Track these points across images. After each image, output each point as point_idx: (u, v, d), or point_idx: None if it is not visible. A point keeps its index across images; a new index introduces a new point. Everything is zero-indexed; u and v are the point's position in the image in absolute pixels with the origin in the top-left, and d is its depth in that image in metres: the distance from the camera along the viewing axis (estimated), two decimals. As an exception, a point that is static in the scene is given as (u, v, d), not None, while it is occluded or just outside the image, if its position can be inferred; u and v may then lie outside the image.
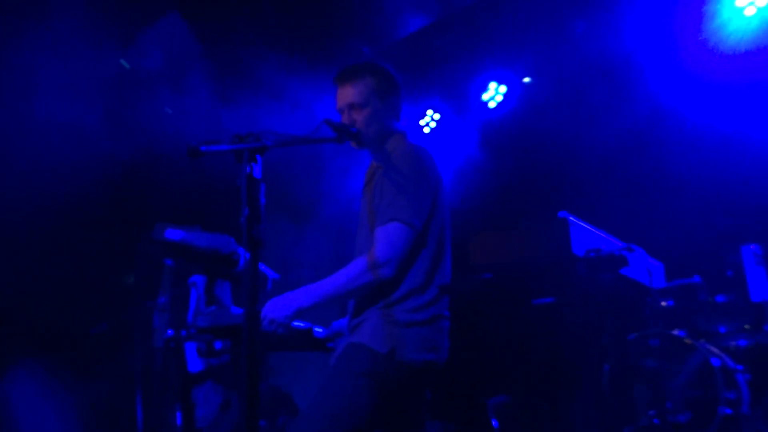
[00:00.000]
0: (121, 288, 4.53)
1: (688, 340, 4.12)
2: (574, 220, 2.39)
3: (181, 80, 5.00)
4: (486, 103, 5.81)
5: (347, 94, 2.68)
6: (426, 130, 6.11)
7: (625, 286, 2.57)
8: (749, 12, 4.64)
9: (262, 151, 2.05)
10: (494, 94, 5.77)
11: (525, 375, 4.39)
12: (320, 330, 3.18)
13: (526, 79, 5.48)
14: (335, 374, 2.44)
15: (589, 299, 2.50)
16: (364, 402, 2.36)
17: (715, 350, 4.17)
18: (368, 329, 2.45)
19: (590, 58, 5.05)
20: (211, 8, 4.98)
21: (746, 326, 4.34)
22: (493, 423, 4.57)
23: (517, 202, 4.98)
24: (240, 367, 1.95)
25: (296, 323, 3.09)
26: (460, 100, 5.93)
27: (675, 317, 4.36)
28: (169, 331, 3.16)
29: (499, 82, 5.74)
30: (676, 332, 4.19)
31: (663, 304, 4.30)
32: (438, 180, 2.59)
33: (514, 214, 4.85)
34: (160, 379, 3.17)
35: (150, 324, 3.16)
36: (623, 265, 2.35)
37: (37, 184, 4.11)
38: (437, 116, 6.07)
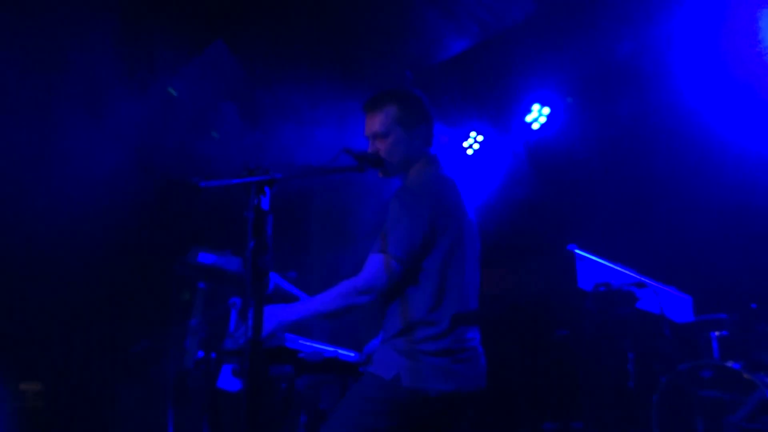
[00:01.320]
0: (165, 307, 4.68)
1: (745, 374, 3.94)
2: (582, 254, 2.33)
3: (226, 107, 5.16)
4: (529, 125, 5.75)
5: (372, 122, 2.71)
6: (469, 152, 6.09)
7: (642, 319, 2.48)
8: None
9: (271, 184, 2.10)
10: (537, 115, 5.70)
11: (539, 406, 4.27)
12: (352, 354, 3.21)
13: (569, 99, 5.39)
14: (348, 398, 2.48)
15: (600, 331, 2.43)
16: (377, 426, 2.37)
17: (773, 384, 3.97)
18: (377, 358, 2.50)
19: (633, 82, 4.93)
20: (255, 36, 5.13)
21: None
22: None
23: (546, 229, 4.88)
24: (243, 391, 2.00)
25: (323, 349, 3.14)
26: (503, 122, 5.88)
27: (728, 348, 4.18)
28: (200, 353, 3.26)
29: (543, 104, 5.67)
30: (730, 364, 4.02)
31: (717, 334, 4.14)
32: (448, 210, 2.56)
33: (538, 242, 4.75)
34: (190, 399, 3.27)
35: (182, 345, 3.27)
36: (634, 300, 2.27)
37: (82, 206, 4.31)
38: (480, 138, 6.04)
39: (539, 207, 5.12)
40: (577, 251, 2.24)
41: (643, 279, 2.51)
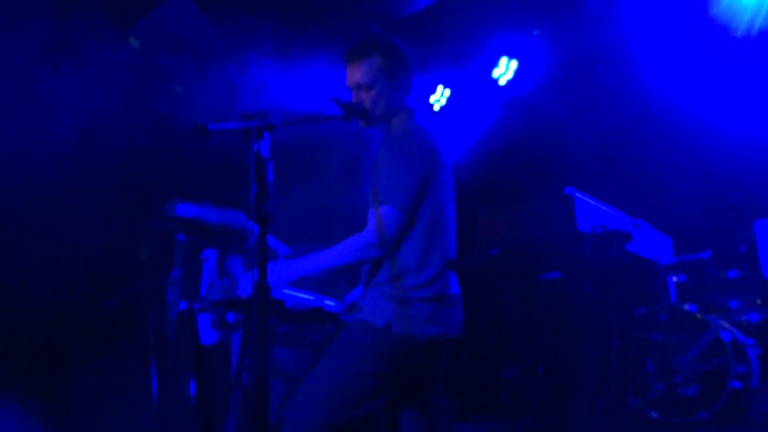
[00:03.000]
0: (136, 262, 4.60)
1: (698, 315, 4.13)
2: (580, 196, 2.40)
3: (190, 58, 5.02)
4: (497, 80, 5.78)
5: (355, 73, 2.69)
6: (436, 107, 6.10)
7: (631, 261, 2.59)
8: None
9: (270, 129, 2.09)
10: (505, 70, 5.74)
11: (532, 349, 4.43)
12: (332, 303, 3.25)
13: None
14: (338, 346, 2.51)
15: (595, 275, 2.53)
16: (368, 371, 2.42)
17: (725, 325, 4.19)
18: (366, 306, 2.53)
19: (602, 34, 4.99)
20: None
21: (758, 301, 4.35)
22: (502, 396, 4.63)
23: (527, 178, 4.97)
24: (249, 338, 2.01)
25: (307, 299, 3.16)
26: (470, 76, 5.90)
27: (685, 292, 4.38)
28: (182, 304, 3.25)
29: (510, 57, 5.70)
30: (686, 307, 4.20)
31: (674, 279, 4.31)
32: (435, 159, 2.60)
33: (523, 190, 4.84)
34: (173, 350, 3.25)
35: (163, 297, 3.24)
36: (629, 241, 2.36)
37: (52, 160, 4.17)
38: (447, 92, 6.05)
39: (518, 156, 5.20)
40: (576, 194, 2.30)
41: (636, 221, 2.60)
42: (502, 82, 5.76)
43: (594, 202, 2.51)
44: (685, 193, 4.50)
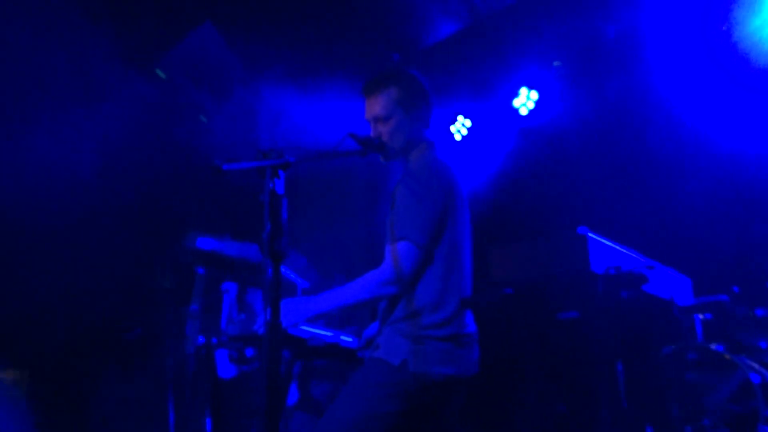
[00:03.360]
0: (156, 294, 4.64)
1: (726, 355, 4.01)
2: (594, 237, 2.36)
3: (215, 89, 5.10)
4: (517, 110, 5.77)
5: (372, 106, 2.70)
6: (457, 136, 6.09)
7: (647, 302, 2.53)
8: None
9: (285, 168, 2.10)
10: (525, 100, 5.72)
11: (549, 388, 4.34)
12: (350, 339, 3.23)
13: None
14: (353, 384, 2.48)
15: (611, 315, 2.47)
16: (384, 410, 2.39)
17: (755, 366, 4.06)
18: (383, 344, 2.51)
19: (621, 63, 4.97)
20: (243, 19, 5.07)
21: (789, 341, 4.21)
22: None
23: (541, 214, 4.92)
24: (262, 373, 2.00)
25: (323, 335, 3.14)
26: (490, 106, 5.89)
27: (712, 331, 4.25)
28: (201, 338, 3.25)
29: (530, 88, 5.69)
30: (714, 346, 4.09)
31: (700, 317, 4.21)
32: (452, 195, 2.57)
33: (538, 226, 4.79)
34: (191, 384, 3.25)
35: (182, 330, 3.25)
36: (644, 283, 2.31)
37: (77, 191, 4.24)
38: (468, 122, 6.04)
39: (531, 191, 5.16)
40: (590, 234, 2.26)
41: (650, 261, 2.55)
42: (523, 111, 5.74)
43: (608, 242, 2.47)
44: (708, 231, 4.40)
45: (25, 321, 4.21)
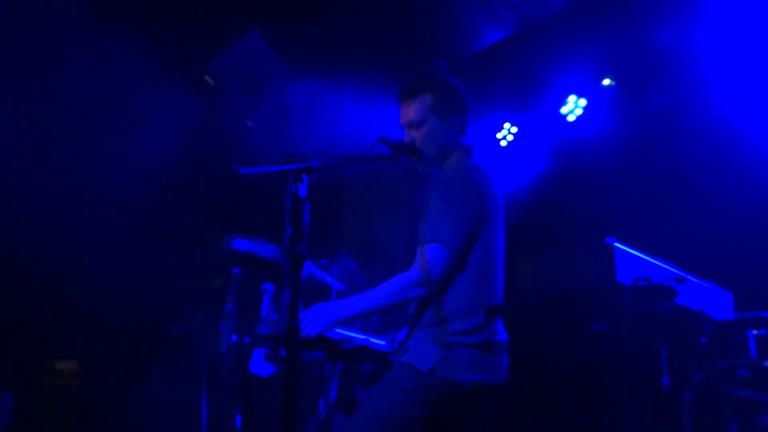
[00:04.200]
0: (202, 292, 4.76)
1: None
2: (621, 247, 2.30)
3: (262, 95, 5.21)
4: (564, 117, 5.67)
5: (406, 111, 2.71)
6: (503, 143, 6.04)
7: (678, 315, 2.45)
8: None
9: (308, 172, 2.13)
10: (573, 107, 5.62)
11: (575, 400, 4.24)
12: (382, 342, 3.24)
13: (606, 82, 5.28)
14: (381, 388, 2.49)
15: (639, 327, 2.41)
16: (410, 416, 2.39)
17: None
18: (412, 348, 2.50)
19: (672, 71, 4.83)
20: (289, 25, 5.16)
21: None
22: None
23: (581, 224, 4.81)
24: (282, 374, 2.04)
25: (354, 336, 3.16)
26: (537, 114, 5.81)
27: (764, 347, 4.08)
28: (234, 337, 3.32)
29: (579, 95, 5.59)
30: (767, 363, 3.92)
31: (754, 333, 4.04)
32: (486, 201, 2.55)
33: (575, 235, 4.70)
34: (223, 382, 3.32)
35: (217, 329, 3.32)
36: (674, 296, 2.24)
37: (124, 190, 4.40)
38: (514, 129, 5.98)
39: (575, 199, 5.06)
40: (617, 245, 2.21)
41: (683, 274, 2.46)
42: (570, 118, 5.64)
43: (638, 254, 2.40)
44: (754, 245, 4.22)
45: (81, 316, 4.39)
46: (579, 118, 5.57)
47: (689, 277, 2.47)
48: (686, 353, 3.56)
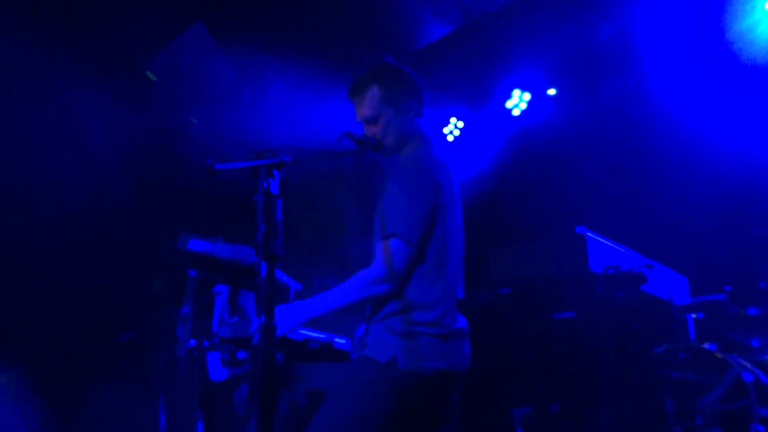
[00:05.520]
0: (148, 296, 4.61)
1: (718, 354, 4.00)
2: (592, 236, 2.35)
3: (206, 91, 5.07)
4: (510, 111, 5.77)
5: (360, 109, 2.66)
6: (450, 138, 6.10)
7: (645, 301, 2.53)
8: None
9: (280, 167, 2.08)
10: (518, 101, 5.73)
11: (547, 387, 4.34)
12: (343, 341, 3.20)
13: (551, 91, 5.42)
14: (343, 383, 2.45)
15: (608, 314, 2.47)
16: (375, 409, 2.36)
17: (747, 365, 4.06)
18: (370, 342, 2.48)
19: (615, 64, 4.98)
20: (233, 19, 5.05)
21: (781, 340, 4.22)
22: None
23: (538, 214, 4.92)
24: (256, 377, 1.98)
25: (317, 336, 3.12)
26: (483, 108, 5.90)
27: (704, 330, 4.26)
28: (192, 341, 3.22)
29: (523, 89, 5.70)
30: (706, 346, 4.08)
31: (693, 317, 4.20)
32: (442, 193, 2.53)
33: (534, 226, 4.80)
34: (182, 387, 3.22)
35: (173, 333, 3.21)
36: (642, 282, 2.30)
37: (66, 192, 4.22)
38: (461, 124, 6.05)
39: (527, 191, 5.17)
40: (588, 234, 2.25)
41: (649, 261, 2.54)
42: (515, 113, 5.74)
43: (607, 242, 2.46)
44: (702, 230, 4.41)
45: (20, 323, 4.18)
46: (525, 111, 5.69)
47: (654, 263, 2.55)
48: (653, 338, 3.69)
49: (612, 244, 2.45)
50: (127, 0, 4.32)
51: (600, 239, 2.39)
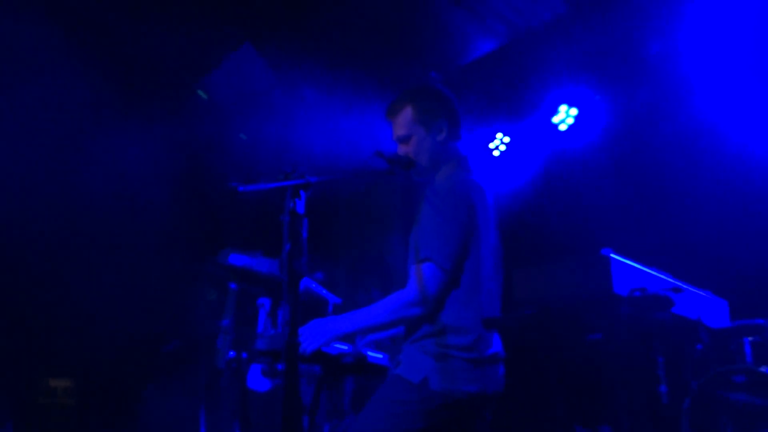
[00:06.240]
0: (199, 308, 4.75)
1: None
2: (617, 258, 2.32)
3: (255, 108, 5.21)
4: (556, 126, 5.70)
5: (395, 128, 2.72)
6: (495, 153, 6.06)
7: (675, 325, 2.47)
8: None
9: (306, 188, 2.14)
10: (565, 116, 5.65)
11: (573, 410, 4.24)
12: (380, 356, 3.23)
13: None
14: (375, 401, 2.48)
15: (636, 337, 2.42)
16: (404, 428, 2.38)
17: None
18: (404, 361, 2.50)
19: (663, 81, 4.87)
20: (282, 40, 5.18)
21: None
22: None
23: (574, 234, 4.83)
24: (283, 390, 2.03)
25: (354, 351, 3.16)
26: (529, 123, 5.84)
27: (763, 353, 4.09)
28: (231, 353, 3.31)
29: (570, 105, 5.62)
30: (763, 369, 3.93)
31: (750, 339, 4.06)
32: (476, 217, 2.54)
33: (567, 246, 4.71)
34: (222, 397, 3.31)
35: (215, 344, 3.32)
36: (670, 305, 2.25)
37: (117, 205, 4.40)
38: (507, 139, 6.01)
39: (568, 209, 5.08)
40: (612, 256, 2.23)
41: (678, 284, 2.48)
42: (562, 128, 5.67)
43: (634, 264, 2.42)
44: (748, 253, 4.24)
45: (75, 332, 4.36)
46: (570, 127, 5.61)
47: (684, 286, 2.48)
48: (684, 362, 3.58)
49: (641, 267, 2.40)
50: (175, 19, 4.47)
51: (627, 262, 2.36)
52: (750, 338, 4.05)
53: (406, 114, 2.67)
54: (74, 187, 4.29)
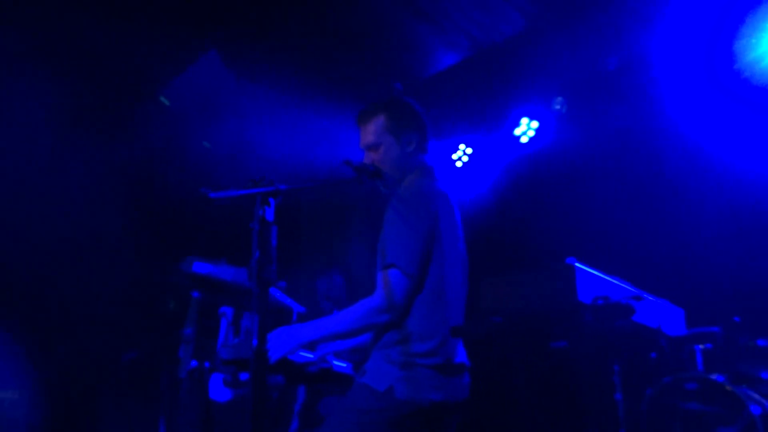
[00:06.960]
0: (159, 318, 4.66)
1: (727, 387, 3.96)
2: (582, 267, 2.38)
3: (218, 116, 5.18)
4: (518, 138, 5.81)
5: (364, 134, 2.73)
6: (458, 164, 6.14)
7: (636, 332, 2.54)
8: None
9: (275, 195, 2.13)
10: (526, 129, 5.77)
11: (538, 417, 4.31)
12: (344, 365, 3.23)
13: (557, 106, 5.45)
14: (340, 410, 2.48)
15: (599, 345, 2.48)
16: None
17: (755, 397, 4.01)
18: (369, 370, 2.50)
19: (622, 94, 5.01)
20: (244, 48, 5.17)
21: (792, 372, 4.16)
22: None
23: (538, 243, 4.92)
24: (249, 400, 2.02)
25: (318, 360, 3.15)
26: (492, 135, 5.94)
27: (713, 361, 4.22)
28: (193, 362, 3.26)
29: (531, 118, 5.74)
30: (714, 377, 4.04)
31: (701, 347, 4.17)
32: (439, 223, 2.56)
33: (531, 255, 4.80)
34: (182, 408, 3.26)
35: (176, 354, 3.26)
36: (631, 313, 2.32)
37: (80, 215, 4.31)
38: (469, 150, 6.09)
39: (529, 219, 5.18)
40: (577, 265, 2.29)
41: (639, 292, 2.56)
42: (523, 140, 5.78)
43: (597, 273, 2.49)
44: (706, 261, 4.38)
45: (26, 341, 4.24)
46: (531, 139, 5.72)
47: (645, 294, 2.56)
48: (641, 370, 3.66)
49: (603, 276, 2.47)
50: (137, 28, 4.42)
51: (591, 271, 2.42)
52: (701, 346, 4.18)
53: (378, 122, 2.70)
54: (30, 195, 4.19)
